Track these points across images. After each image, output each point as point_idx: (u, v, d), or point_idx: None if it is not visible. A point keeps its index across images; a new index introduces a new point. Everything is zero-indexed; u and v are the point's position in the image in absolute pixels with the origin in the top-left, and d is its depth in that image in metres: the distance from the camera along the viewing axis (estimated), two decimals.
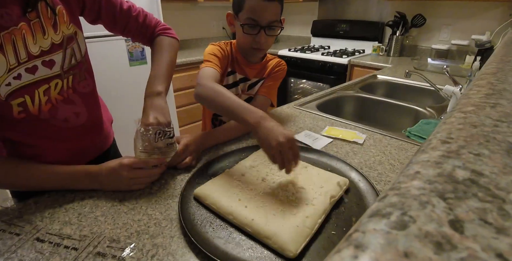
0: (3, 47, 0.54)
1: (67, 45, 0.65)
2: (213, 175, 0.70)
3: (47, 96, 0.63)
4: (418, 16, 2.27)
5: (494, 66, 0.40)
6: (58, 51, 0.63)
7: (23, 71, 0.58)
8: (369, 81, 1.68)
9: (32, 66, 0.59)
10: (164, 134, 0.67)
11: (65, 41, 0.65)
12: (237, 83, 1.00)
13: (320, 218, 0.55)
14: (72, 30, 0.66)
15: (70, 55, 0.66)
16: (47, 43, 0.61)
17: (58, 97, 0.66)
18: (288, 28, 3.38)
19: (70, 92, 0.69)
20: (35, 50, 0.59)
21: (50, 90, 0.64)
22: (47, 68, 0.62)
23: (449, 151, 0.18)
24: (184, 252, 0.50)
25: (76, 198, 0.64)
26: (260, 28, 0.84)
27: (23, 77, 0.58)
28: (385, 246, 0.10)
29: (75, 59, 0.68)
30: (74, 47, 0.67)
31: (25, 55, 0.58)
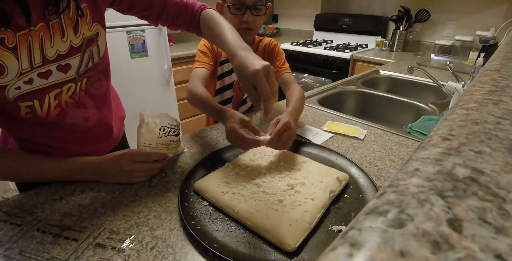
0: (17, 49, 0.50)
1: (86, 49, 0.60)
2: (213, 168, 0.70)
3: (57, 101, 0.60)
4: (423, 11, 2.24)
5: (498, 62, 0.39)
6: (76, 55, 0.59)
7: (35, 76, 0.54)
8: (371, 77, 1.67)
9: (46, 71, 0.55)
10: (169, 130, 0.66)
11: (85, 44, 0.60)
12: (232, 71, 1.03)
13: (319, 212, 0.55)
14: (94, 32, 0.61)
15: (88, 58, 0.62)
16: (65, 47, 0.56)
17: (69, 100, 0.62)
18: (290, 22, 3.34)
19: (82, 94, 0.65)
20: (51, 54, 0.55)
21: (62, 94, 0.60)
22: (61, 73, 0.58)
23: (450, 148, 0.17)
24: (184, 245, 0.50)
25: (76, 189, 0.64)
26: (246, 8, 0.89)
27: (35, 82, 0.54)
28: (381, 245, 0.10)
29: (92, 62, 0.63)
30: (93, 50, 0.62)
31: (40, 60, 0.53)
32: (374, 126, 0.96)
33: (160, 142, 0.66)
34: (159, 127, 0.65)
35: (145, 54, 1.91)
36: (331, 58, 2.29)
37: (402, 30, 2.33)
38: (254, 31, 0.96)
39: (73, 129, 0.67)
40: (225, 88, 1.07)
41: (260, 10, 0.91)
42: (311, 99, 1.24)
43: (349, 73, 2.25)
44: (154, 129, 0.65)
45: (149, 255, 0.48)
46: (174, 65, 2.12)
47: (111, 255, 0.48)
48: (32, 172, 0.63)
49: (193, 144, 0.84)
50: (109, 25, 0.86)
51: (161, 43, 1.94)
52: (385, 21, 2.51)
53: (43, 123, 0.61)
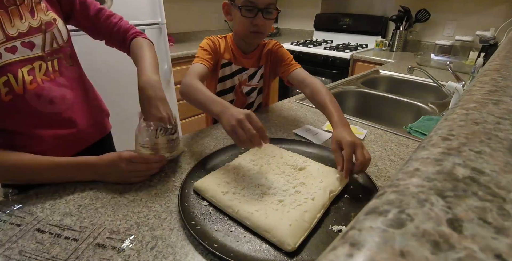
0: None
1: (46, 29, 0.67)
2: (213, 168, 0.70)
3: (31, 76, 0.65)
4: (423, 11, 2.24)
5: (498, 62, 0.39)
6: (37, 34, 0.65)
7: (2, 50, 0.60)
8: (371, 76, 1.67)
9: (11, 46, 0.61)
10: (165, 130, 0.67)
11: (44, 25, 0.66)
12: (234, 74, 1.01)
13: (319, 212, 0.55)
14: (51, 17, 0.69)
15: (51, 39, 0.68)
16: (25, 26, 0.63)
17: (44, 78, 0.67)
18: (290, 22, 3.34)
19: (57, 75, 0.71)
20: (13, 32, 0.61)
21: (35, 71, 0.65)
22: (27, 49, 0.64)
23: (450, 148, 0.17)
24: (183, 245, 0.50)
25: (76, 189, 0.64)
26: (257, 10, 0.85)
27: (3, 56, 0.60)
28: (381, 245, 0.10)
29: (56, 43, 0.70)
30: (54, 32, 0.69)
31: (3, 36, 0.60)
32: (374, 126, 0.96)
33: (157, 142, 0.66)
34: (156, 127, 0.65)
35: None
36: (331, 58, 2.29)
37: (402, 30, 2.33)
38: (263, 35, 0.93)
39: (52, 112, 0.69)
40: (226, 91, 1.04)
41: (271, 14, 0.88)
42: None
43: (349, 73, 2.25)
44: (151, 129, 0.65)
45: (149, 255, 0.48)
46: (174, 65, 2.12)
47: (111, 255, 0.48)
48: (32, 173, 0.63)
49: (193, 144, 0.84)
50: None
51: (161, 43, 1.94)
52: (385, 21, 2.51)
53: (23, 106, 0.64)
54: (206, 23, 2.97)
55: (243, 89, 1.05)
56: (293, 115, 1.05)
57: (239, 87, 1.04)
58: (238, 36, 0.96)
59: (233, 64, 0.99)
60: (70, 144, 0.76)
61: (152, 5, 1.85)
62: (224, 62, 0.98)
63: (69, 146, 0.76)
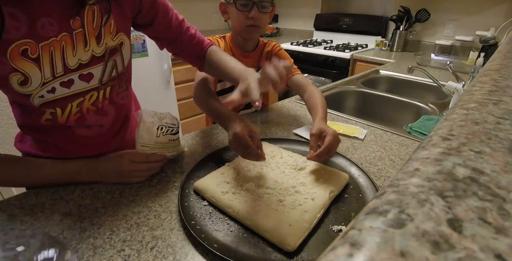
0: (40, 59, 0.51)
1: (109, 58, 0.61)
2: (213, 168, 0.70)
3: (79, 108, 0.61)
4: (423, 11, 2.24)
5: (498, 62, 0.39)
6: (98, 64, 0.59)
7: (57, 85, 0.55)
8: (371, 76, 1.67)
9: (68, 80, 0.56)
10: (167, 129, 0.66)
11: (107, 54, 0.60)
12: None
13: (319, 212, 0.55)
14: (118, 41, 0.61)
15: (111, 67, 0.62)
16: (87, 56, 0.57)
17: (91, 108, 0.63)
18: (290, 22, 3.34)
19: (106, 103, 0.66)
20: (73, 63, 0.55)
21: (84, 102, 0.61)
22: (84, 82, 0.58)
23: (450, 148, 0.17)
24: (183, 245, 0.50)
25: (76, 189, 0.64)
26: (252, 4, 0.88)
27: (57, 91, 0.55)
28: (381, 245, 0.10)
29: (116, 72, 0.64)
30: (116, 59, 0.62)
31: (62, 69, 0.54)
32: (374, 126, 0.96)
33: (158, 141, 0.66)
34: (157, 126, 0.65)
35: (145, 54, 1.90)
36: (331, 58, 2.29)
37: (402, 30, 2.33)
38: (260, 29, 0.94)
39: (86, 135, 0.67)
40: (225, 91, 1.05)
41: (266, 8, 0.90)
42: None
43: (349, 73, 2.25)
44: (151, 129, 0.65)
45: (149, 255, 0.48)
46: (174, 65, 2.12)
47: (111, 255, 0.48)
48: (31, 176, 0.62)
49: (193, 144, 0.84)
50: None
51: None
52: (385, 21, 2.51)
53: (60, 128, 0.63)
54: (206, 23, 2.97)
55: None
56: (293, 115, 1.05)
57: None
58: (236, 33, 0.98)
59: None
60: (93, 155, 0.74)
61: None
62: None
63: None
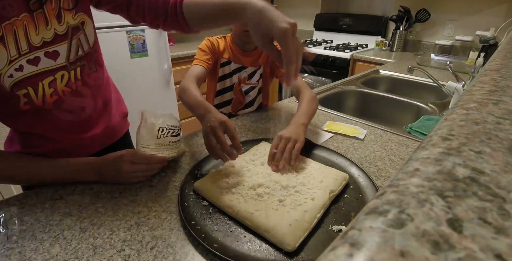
0: (4, 38, 0.52)
1: (72, 36, 0.62)
2: (213, 168, 0.70)
3: (52, 88, 0.61)
4: (423, 11, 2.24)
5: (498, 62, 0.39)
6: (62, 42, 0.60)
7: (24, 62, 0.56)
8: (371, 76, 1.67)
9: (34, 57, 0.57)
10: (168, 131, 0.66)
11: (70, 32, 0.61)
12: (233, 73, 1.03)
13: (319, 212, 0.55)
14: (79, 20, 0.62)
15: (77, 46, 0.63)
16: (50, 34, 0.58)
17: (66, 89, 0.64)
18: None
19: (80, 84, 0.66)
20: (37, 41, 0.57)
21: (56, 82, 0.62)
22: (50, 60, 0.60)
23: (450, 148, 0.17)
24: (183, 244, 0.50)
25: (76, 189, 0.64)
26: None
27: (25, 68, 0.56)
28: (381, 245, 0.10)
29: (82, 50, 0.65)
30: (80, 38, 0.64)
31: (26, 47, 0.55)
32: (374, 126, 0.96)
33: (159, 142, 0.66)
34: (158, 128, 0.65)
35: (145, 54, 1.90)
36: (331, 58, 2.29)
37: (402, 30, 2.33)
38: None
39: (70, 120, 0.68)
40: (225, 90, 1.06)
41: None
42: None
43: (349, 73, 2.25)
44: (153, 130, 0.65)
45: (149, 255, 0.48)
46: (174, 65, 2.12)
47: (111, 255, 0.48)
48: (31, 174, 0.63)
49: (193, 144, 0.84)
50: (109, 25, 0.85)
51: (161, 43, 1.94)
52: (385, 21, 2.51)
53: (41, 113, 0.63)
54: None
55: (242, 88, 1.06)
56: (293, 115, 1.05)
57: (238, 86, 1.05)
58: (235, 35, 0.99)
59: (232, 63, 1.01)
60: (86, 147, 0.75)
61: None
62: (223, 61, 1.01)
63: (86, 149, 0.75)
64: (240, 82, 1.05)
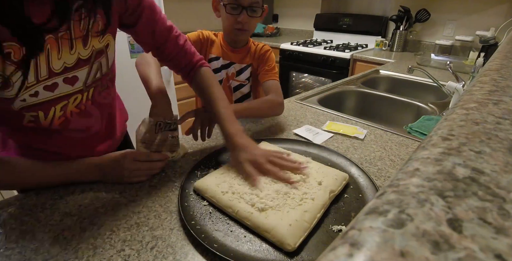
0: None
1: (95, 60, 0.58)
2: (213, 168, 0.70)
3: (62, 111, 0.59)
4: (423, 11, 2.24)
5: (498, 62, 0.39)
6: (83, 67, 0.57)
7: (41, 89, 0.52)
8: (371, 76, 1.67)
9: (52, 83, 0.53)
10: (165, 125, 0.67)
11: (94, 56, 0.58)
12: (221, 68, 1.04)
13: (319, 212, 0.55)
14: (105, 43, 0.59)
15: (96, 70, 0.60)
16: (73, 59, 0.54)
17: (74, 110, 0.61)
18: (290, 22, 3.34)
19: (89, 104, 0.64)
20: (58, 67, 0.53)
21: (68, 105, 0.59)
22: (68, 85, 0.56)
23: (450, 148, 0.17)
24: (183, 244, 0.50)
25: (76, 189, 0.64)
26: (242, 8, 0.88)
27: (40, 94, 0.53)
28: (381, 245, 0.10)
29: (100, 73, 0.62)
30: (102, 61, 0.60)
31: (46, 73, 0.51)
32: (374, 126, 0.96)
33: (158, 137, 0.66)
34: (154, 123, 0.65)
35: None
36: (331, 58, 2.29)
37: (402, 30, 2.33)
38: (248, 32, 0.96)
39: (74, 137, 0.66)
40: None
41: (256, 12, 0.91)
42: (311, 99, 1.24)
43: (349, 73, 2.25)
44: (151, 126, 0.65)
45: (149, 255, 0.48)
46: None
47: (111, 255, 0.48)
48: (32, 177, 0.62)
49: (193, 144, 0.84)
50: None
51: None
52: (385, 21, 2.51)
53: (44, 131, 0.61)
54: (206, 23, 2.96)
55: (231, 84, 1.07)
56: (293, 115, 1.05)
57: (226, 82, 1.06)
58: (226, 32, 1.00)
59: (221, 58, 1.02)
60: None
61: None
62: (211, 57, 1.02)
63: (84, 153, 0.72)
64: (229, 78, 1.05)
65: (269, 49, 1.06)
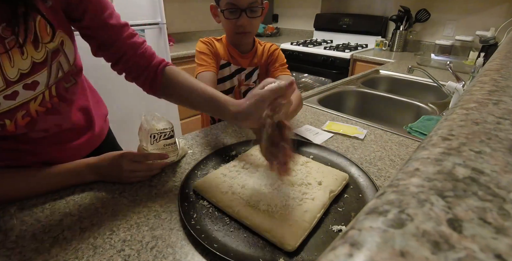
0: None
1: (52, 61, 0.55)
2: (213, 168, 0.70)
3: (25, 111, 0.56)
4: (423, 11, 2.25)
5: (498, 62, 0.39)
6: (41, 70, 0.54)
7: (1, 99, 0.50)
8: (371, 76, 1.67)
9: (12, 92, 0.51)
10: (159, 135, 0.67)
11: (50, 57, 0.55)
12: (233, 75, 1.01)
13: (319, 212, 0.55)
14: (58, 42, 0.56)
15: (57, 69, 0.57)
16: (27, 64, 0.51)
17: (40, 108, 0.58)
18: (290, 22, 3.34)
19: (55, 101, 0.61)
20: (13, 75, 0.50)
21: (29, 105, 0.56)
22: (30, 91, 0.54)
23: (450, 148, 0.17)
24: (183, 244, 0.50)
25: (76, 189, 0.64)
26: (240, 11, 0.85)
27: (3, 104, 0.51)
28: (381, 245, 0.10)
29: (62, 72, 0.59)
30: (60, 60, 0.57)
31: (3, 83, 0.49)
32: (374, 126, 0.96)
33: (154, 148, 0.67)
34: (149, 134, 0.66)
35: None
36: (331, 58, 2.29)
37: (402, 30, 2.33)
38: (251, 34, 0.93)
39: (46, 135, 0.64)
40: (225, 92, 1.01)
41: (255, 12, 0.87)
42: (311, 99, 1.24)
43: (349, 73, 2.25)
44: (147, 136, 0.66)
45: (149, 255, 0.48)
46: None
47: (111, 255, 0.48)
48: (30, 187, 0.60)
49: (193, 143, 0.84)
50: None
51: (161, 43, 1.94)
52: (385, 21, 2.51)
53: (14, 136, 0.58)
54: (206, 23, 2.97)
55: (241, 90, 1.05)
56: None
57: (238, 88, 1.04)
58: (228, 37, 0.97)
59: (231, 64, 0.99)
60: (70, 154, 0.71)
61: (152, 5, 1.85)
62: (223, 63, 0.98)
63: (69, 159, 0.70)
64: (240, 84, 1.03)
65: (277, 48, 1.04)
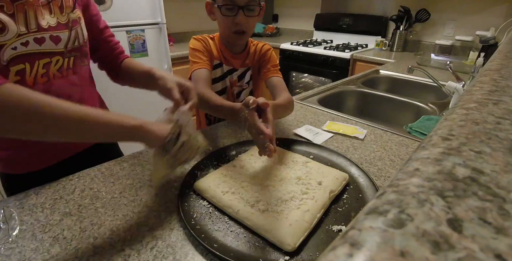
0: (15, 15, 0.57)
1: (72, 27, 0.68)
2: (213, 168, 0.70)
3: (45, 70, 0.65)
4: (423, 11, 2.25)
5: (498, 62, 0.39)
6: (64, 30, 0.66)
7: (31, 39, 0.60)
8: (371, 76, 1.67)
9: (41, 37, 0.62)
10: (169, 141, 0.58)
11: (71, 23, 0.68)
12: (225, 76, 0.99)
13: (319, 212, 0.55)
14: (77, 15, 0.70)
15: (75, 36, 0.69)
16: (54, 21, 0.64)
17: (57, 74, 0.67)
18: (290, 22, 3.34)
19: (70, 72, 0.71)
20: (44, 23, 0.62)
21: (50, 65, 0.65)
22: (53, 43, 0.64)
23: (450, 148, 0.17)
24: (183, 244, 0.50)
25: (76, 189, 0.64)
26: (238, 8, 0.83)
27: (30, 45, 0.60)
28: (381, 245, 0.10)
29: (78, 42, 0.70)
30: (78, 30, 0.70)
31: (35, 26, 0.60)
32: (374, 126, 0.96)
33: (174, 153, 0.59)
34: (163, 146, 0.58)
35: (145, 54, 1.90)
36: (331, 58, 2.29)
37: (402, 30, 2.33)
38: (247, 35, 0.90)
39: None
40: (218, 93, 1.00)
41: (253, 11, 0.85)
42: (311, 99, 1.24)
43: (349, 73, 2.25)
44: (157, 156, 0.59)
45: (149, 255, 0.48)
46: (174, 65, 2.12)
47: (111, 255, 0.48)
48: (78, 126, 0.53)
49: None
50: (109, 25, 0.85)
51: (161, 43, 1.94)
52: (385, 21, 2.51)
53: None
54: (206, 23, 2.96)
55: (234, 91, 1.03)
56: (293, 115, 1.05)
57: (230, 89, 1.02)
58: (222, 37, 0.95)
59: (224, 65, 0.97)
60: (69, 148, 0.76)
61: (152, 5, 1.85)
62: (215, 63, 0.96)
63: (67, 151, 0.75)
64: (232, 85, 1.01)
65: (270, 48, 1.01)
